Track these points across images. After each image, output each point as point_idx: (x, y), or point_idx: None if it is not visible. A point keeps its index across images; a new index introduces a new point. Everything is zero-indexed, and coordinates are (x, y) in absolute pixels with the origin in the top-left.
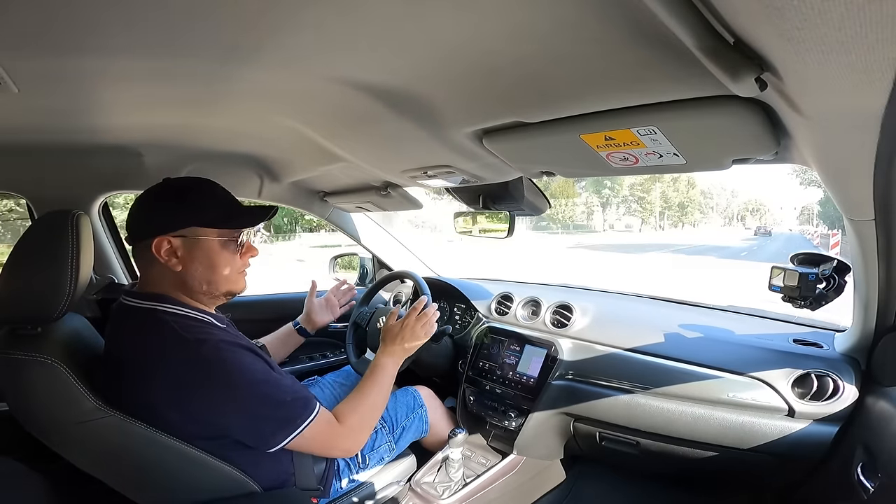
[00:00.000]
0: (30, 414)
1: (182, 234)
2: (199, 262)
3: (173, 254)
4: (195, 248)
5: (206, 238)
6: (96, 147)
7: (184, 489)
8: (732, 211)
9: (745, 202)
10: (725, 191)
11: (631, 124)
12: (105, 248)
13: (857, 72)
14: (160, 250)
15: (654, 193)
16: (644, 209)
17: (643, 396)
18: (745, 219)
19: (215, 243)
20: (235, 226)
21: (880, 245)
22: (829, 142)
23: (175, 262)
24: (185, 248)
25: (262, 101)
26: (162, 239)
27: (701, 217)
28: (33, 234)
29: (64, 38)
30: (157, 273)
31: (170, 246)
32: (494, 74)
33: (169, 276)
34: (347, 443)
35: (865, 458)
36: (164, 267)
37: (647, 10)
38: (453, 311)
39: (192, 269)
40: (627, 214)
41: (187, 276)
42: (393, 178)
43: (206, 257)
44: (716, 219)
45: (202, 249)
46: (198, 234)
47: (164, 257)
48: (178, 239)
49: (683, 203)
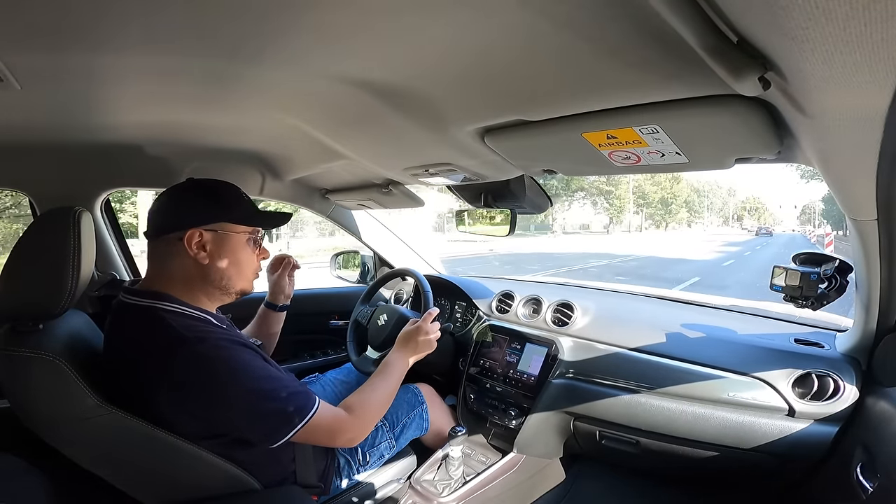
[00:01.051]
0: (31, 410)
1: (213, 229)
2: (226, 256)
3: (202, 247)
4: (224, 242)
5: (234, 234)
6: (98, 144)
7: (184, 486)
8: (729, 211)
9: (742, 201)
10: (721, 188)
11: (633, 123)
12: (107, 245)
13: (861, 71)
14: (191, 242)
15: (624, 187)
16: (612, 205)
17: (643, 395)
18: (742, 219)
19: (242, 239)
20: (263, 225)
21: (882, 245)
22: (832, 141)
23: (203, 256)
24: (215, 243)
25: (265, 99)
26: (195, 231)
27: (691, 216)
28: (35, 230)
29: (66, 35)
30: (176, 266)
31: (200, 239)
32: (496, 72)
33: (190, 268)
34: (351, 433)
35: (865, 459)
36: (187, 259)
37: (651, 9)
38: (454, 309)
39: (218, 263)
40: (603, 213)
41: (211, 270)
42: (394, 175)
43: (232, 252)
44: (711, 219)
45: (230, 245)
46: (228, 229)
47: (194, 249)
48: (210, 233)
49: (666, 199)
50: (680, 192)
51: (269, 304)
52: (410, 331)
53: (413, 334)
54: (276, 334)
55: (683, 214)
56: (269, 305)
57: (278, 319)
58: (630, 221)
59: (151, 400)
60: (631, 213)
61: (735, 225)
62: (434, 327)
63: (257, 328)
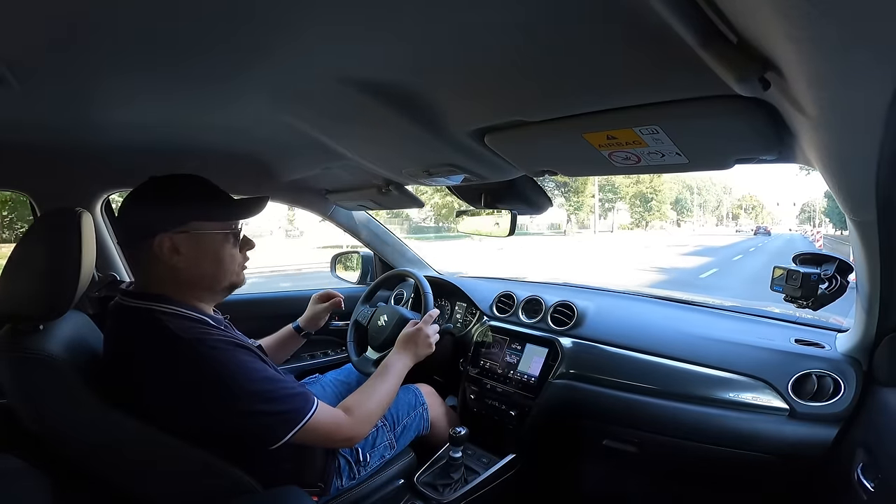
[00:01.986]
0: (31, 411)
1: (183, 231)
2: (203, 257)
3: (175, 251)
4: (198, 243)
5: (207, 232)
6: (98, 145)
7: (184, 487)
8: (724, 209)
9: (738, 199)
10: (716, 185)
11: (633, 123)
12: (107, 246)
13: (861, 71)
14: (162, 249)
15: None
16: (569, 200)
17: (644, 396)
18: (738, 217)
19: (217, 236)
20: (234, 217)
21: (882, 245)
22: (832, 142)
23: (178, 260)
24: (188, 244)
25: (265, 100)
26: (164, 237)
27: (682, 215)
28: (36, 231)
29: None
30: (157, 273)
31: (171, 243)
32: (497, 73)
33: (171, 274)
34: (350, 433)
35: (866, 459)
36: (165, 266)
37: (651, 9)
38: (455, 310)
39: (196, 265)
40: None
41: (191, 273)
42: (394, 176)
43: (209, 252)
44: (704, 218)
45: (204, 244)
46: (199, 228)
47: (168, 255)
48: (180, 235)
49: (645, 195)
50: (662, 187)
51: (298, 328)
52: (411, 332)
53: (413, 335)
54: (287, 356)
55: (666, 212)
56: (297, 329)
57: (298, 343)
58: (595, 220)
59: (150, 401)
60: (597, 211)
61: (730, 224)
62: (434, 328)
63: (277, 348)
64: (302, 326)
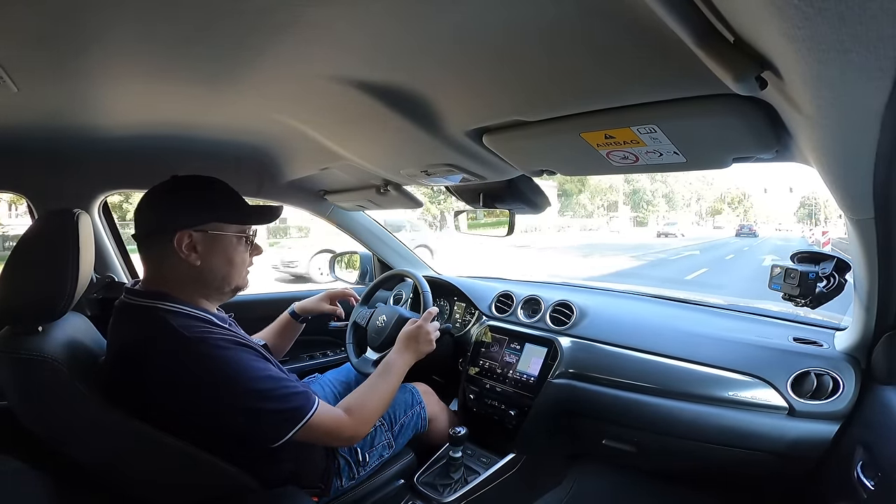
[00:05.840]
0: (31, 412)
1: (203, 229)
2: (218, 256)
3: (193, 248)
4: (214, 242)
5: (224, 234)
6: (96, 146)
7: (185, 487)
8: (704, 205)
9: (721, 193)
10: (704, 179)
11: (631, 123)
12: (105, 247)
13: (857, 70)
14: (181, 244)
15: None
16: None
17: (643, 395)
18: (719, 213)
19: (233, 239)
20: (252, 222)
21: (880, 243)
22: (829, 140)
23: (195, 257)
24: (205, 243)
25: (263, 100)
26: (184, 233)
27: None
28: (34, 233)
29: (64, 36)
30: (169, 268)
31: (190, 240)
32: (494, 73)
33: (183, 270)
34: (350, 432)
35: (865, 457)
36: (179, 261)
37: (648, 9)
38: (454, 310)
39: (210, 263)
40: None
41: (204, 271)
42: (393, 176)
43: (223, 252)
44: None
45: (221, 244)
46: (217, 229)
47: (185, 252)
48: (199, 234)
49: (567, 190)
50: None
51: (294, 315)
52: (410, 331)
53: (413, 334)
54: (290, 344)
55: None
56: (293, 315)
57: (297, 329)
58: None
59: (151, 400)
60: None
61: (708, 221)
62: (434, 327)
63: (278, 338)
64: (298, 312)
